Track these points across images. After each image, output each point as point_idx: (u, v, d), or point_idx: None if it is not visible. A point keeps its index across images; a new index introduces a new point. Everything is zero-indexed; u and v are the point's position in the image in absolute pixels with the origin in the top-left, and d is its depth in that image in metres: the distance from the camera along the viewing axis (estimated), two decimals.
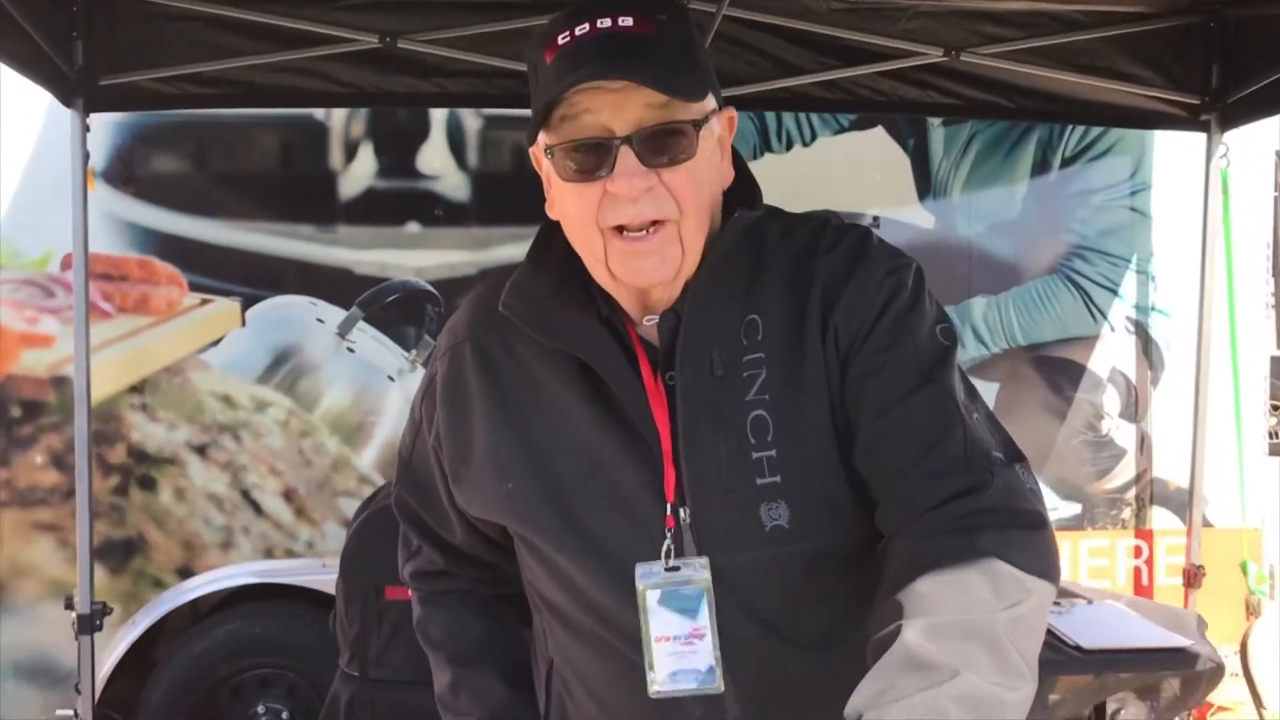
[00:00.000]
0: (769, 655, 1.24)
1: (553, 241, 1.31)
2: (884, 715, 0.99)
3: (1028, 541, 1.14)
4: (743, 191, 1.31)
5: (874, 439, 1.21)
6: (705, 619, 1.22)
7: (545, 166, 1.26)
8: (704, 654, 1.23)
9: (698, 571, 1.22)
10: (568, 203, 1.24)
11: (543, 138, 1.23)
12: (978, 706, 0.99)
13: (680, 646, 1.23)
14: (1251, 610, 3.84)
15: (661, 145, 1.19)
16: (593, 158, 1.19)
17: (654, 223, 1.20)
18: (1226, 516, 4.28)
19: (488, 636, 1.47)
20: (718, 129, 1.26)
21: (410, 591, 1.53)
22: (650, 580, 1.23)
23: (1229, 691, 3.07)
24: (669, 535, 1.23)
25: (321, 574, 3.71)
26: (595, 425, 1.26)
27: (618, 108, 1.17)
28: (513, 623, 1.46)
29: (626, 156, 1.18)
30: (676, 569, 1.23)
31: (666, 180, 1.19)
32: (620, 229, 1.20)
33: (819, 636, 1.25)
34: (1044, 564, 1.13)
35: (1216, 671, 3.12)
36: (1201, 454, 3.92)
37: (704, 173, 1.23)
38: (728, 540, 1.23)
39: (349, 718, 2.90)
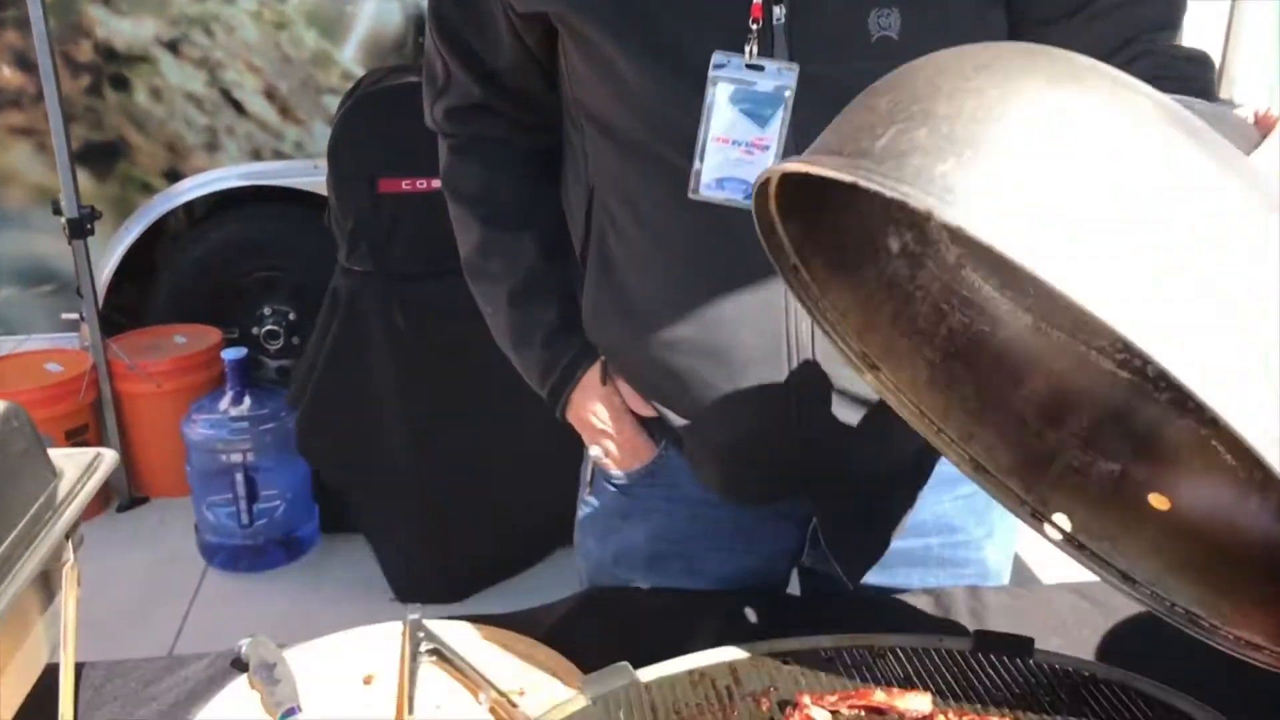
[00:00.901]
0: None
1: None
2: None
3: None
4: None
5: None
6: (775, 131, 1.09)
7: None
8: (762, 168, 1.09)
9: (783, 76, 1.07)
10: None
11: None
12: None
13: (738, 153, 1.10)
14: None
15: None
16: None
17: None
18: None
19: (526, 194, 1.32)
20: None
21: (439, 140, 1.35)
22: (725, 72, 1.08)
23: None
24: (754, 30, 1.07)
25: (313, 175, 3.59)
26: None
27: None
28: (553, 184, 1.32)
29: None
30: (760, 68, 1.07)
31: None
32: None
33: None
34: None
35: None
36: None
37: None
38: (826, 47, 1.08)
39: (350, 312, 2.88)
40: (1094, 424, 0.95)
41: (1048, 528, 0.94)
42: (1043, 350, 0.95)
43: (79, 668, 1.12)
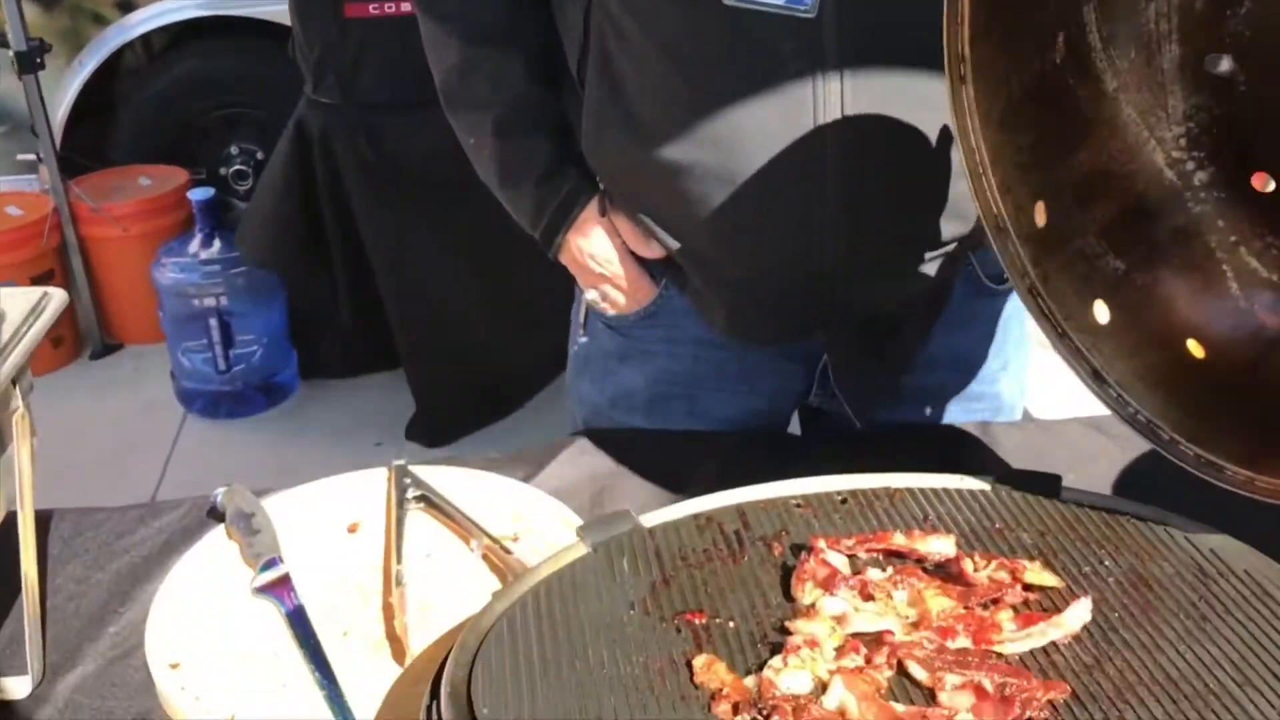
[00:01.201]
0: None
1: None
2: None
3: None
4: None
5: None
6: None
7: None
8: None
9: None
10: None
11: None
12: None
13: None
14: None
15: None
16: None
17: None
18: None
19: (513, 8, 1.19)
20: None
21: None
22: None
23: None
24: None
25: (275, 3, 3.39)
26: None
27: None
28: (542, 3, 1.19)
29: None
30: None
31: None
32: None
33: None
34: None
35: None
36: None
37: None
38: None
39: (321, 147, 2.75)
40: (1120, 216, 0.95)
41: (1024, 291, 0.94)
42: (1109, 123, 0.94)
43: (46, 518, 1.07)
